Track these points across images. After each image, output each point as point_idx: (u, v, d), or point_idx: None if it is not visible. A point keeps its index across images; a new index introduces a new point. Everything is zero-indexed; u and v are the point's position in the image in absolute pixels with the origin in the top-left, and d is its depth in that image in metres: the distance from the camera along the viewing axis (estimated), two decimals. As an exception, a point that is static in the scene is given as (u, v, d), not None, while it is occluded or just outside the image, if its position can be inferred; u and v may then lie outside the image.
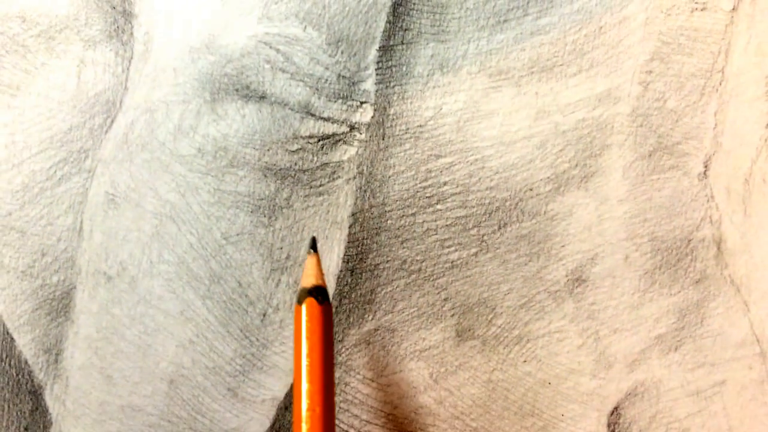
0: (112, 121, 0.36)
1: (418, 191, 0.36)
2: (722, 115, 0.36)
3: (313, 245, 0.33)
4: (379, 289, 0.37)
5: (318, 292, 0.32)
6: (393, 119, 0.36)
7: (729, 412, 0.37)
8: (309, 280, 0.32)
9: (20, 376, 0.37)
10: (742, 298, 0.37)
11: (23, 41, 0.36)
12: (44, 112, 0.36)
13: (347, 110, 0.36)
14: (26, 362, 0.37)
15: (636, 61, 0.36)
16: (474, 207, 0.37)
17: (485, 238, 0.37)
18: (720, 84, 0.36)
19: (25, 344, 0.37)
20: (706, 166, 0.36)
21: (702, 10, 0.35)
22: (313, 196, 0.36)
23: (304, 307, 0.31)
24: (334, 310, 0.37)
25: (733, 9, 0.35)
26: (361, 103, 0.36)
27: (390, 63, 0.36)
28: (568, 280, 0.37)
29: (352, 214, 0.37)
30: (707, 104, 0.36)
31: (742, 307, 0.37)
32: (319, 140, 0.36)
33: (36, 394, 0.38)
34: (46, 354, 0.37)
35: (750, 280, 0.37)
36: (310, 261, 0.33)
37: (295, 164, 0.36)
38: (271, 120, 0.36)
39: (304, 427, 0.30)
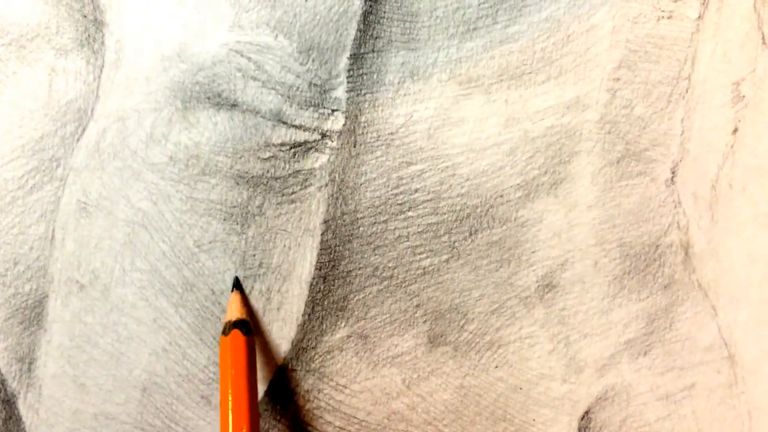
0: (84, 130, 0.36)
1: (389, 198, 0.37)
2: (689, 122, 0.36)
3: (236, 284, 0.36)
4: (351, 296, 0.37)
5: (242, 325, 0.35)
6: (364, 127, 0.36)
7: (698, 416, 0.38)
8: (233, 314, 0.35)
9: (-7, 385, 0.37)
10: (710, 303, 0.37)
11: (-6, 50, 0.36)
12: (15, 120, 0.36)
13: (319, 118, 0.36)
14: (-1, 371, 0.37)
15: (603, 69, 0.36)
16: (445, 214, 0.37)
17: (456, 244, 0.37)
18: (686, 91, 0.36)
19: (-2, 353, 0.37)
20: (673, 173, 0.37)
21: (668, 18, 0.36)
22: (286, 203, 0.37)
23: (229, 339, 0.34)
24: (306, 317, 0.37)
25: (699, 17, 0.36)
26: (333, 110, 0.36)
27: (361, 71, 0.36)
28: (538, 286, 0.37)
29: (325, 222, 0.37)
30: (674, 111, 0.36)
31: (710, 311, 0.37)
32: (290, 148, 0.36)
33: (9, 403, 0.38)
34: (19, 363, 0.37)
35: (717, 284, 0.37)
36: (234, 297, 0.36)
37: (267, 172, 0.36)
38: (242, 128, 0.36)
39: None
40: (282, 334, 0.37)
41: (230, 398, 0.33)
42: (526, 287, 0.37)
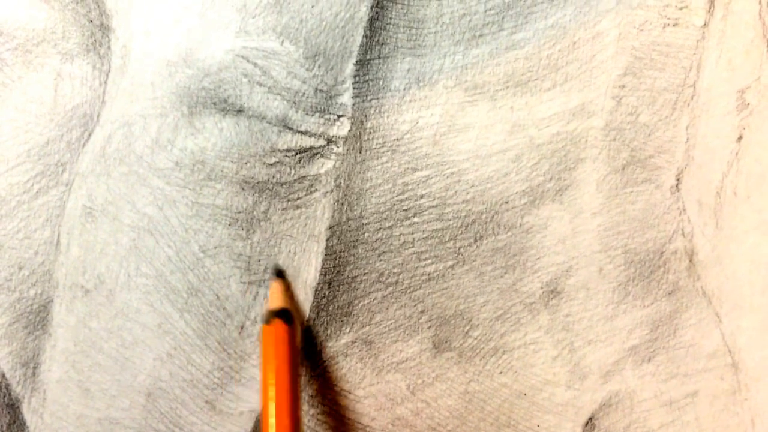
0: (90, 135, 0.36)
1: (395, 204, 0.37)
2: (694, 129, 0.37)
3: (279, 273, 0.36)
4: (356, 301, 0.37)
5: (284, 314, 0.34)
6: (370, 133, 0.36)
7: (701, 423, 0.38)
8: (276, 302, 0.34)
9: (-3, 390, 0.37)
10: (713, 310, 0.38)
11: (0, 54, 0.36)
12: (21, 125, 0.36)
13: (324, 124, 0.36)
14: (3, 376, 0.37)
15: (609, 76, 0.36)
16: (450, 220, 0.37)
17: (461, 250, 0.37)
18: (692, 98, 0.36)
19: (2, 358, 0.37)
20: (678, 180, 0.37)
21: (674, 25, 0.36)
22: (291, 209, 0.37)
23: (271, 328, 0.33)
24: (311, 322, 0.37)
25: (705, 25, 0.36)
26: (339, 116, 0.36)
27: (367, 77, 0.36)
28: (543, 292, 0.37)
29: (330, 227, 0.37)
30: (679, 118, 0.37)
31: (714, 318, 0.38)
32: (296, 153, 0.36)
33: (13, 408, 0.38)
34: (23, 367, 0.37)
35: (721, 291, 0.37)
36: (276, 286, 0.35)
37: (273, 177, 0.36)
38: (248, 133, 0.36)
39: None
40: (287, 339, 0.37)
41: (273, 391, 0.32)
42: (530, 293, 0.37)
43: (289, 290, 0.36)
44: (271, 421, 0.31)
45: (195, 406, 0.37)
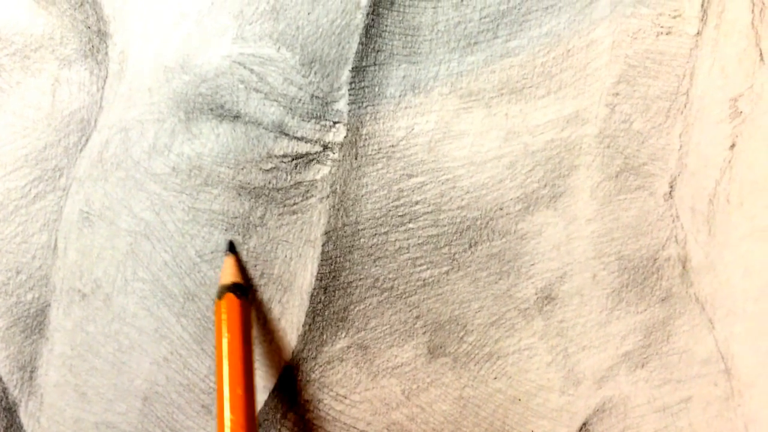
0: (87, 140, 0.37)
1: (390, 210, 0.37)
2: (687, 137, 0.37)
3: (231, 247, 0.36)
4: (352, 306, 0.37)
5: (237, 288, 0.34)
6: (366, 139, 0.37)
7: (695, 428, 0.38)
8: (227, 278, 0.35)
9: (-6, 393, 0.38)
10: (707, 316, 0.38)
11: (-2, 60, 0.36)
12: (19, 130, 0.37)
13: (320, 130, 0.36)
14: (0, 379, 0.37)
15: (603, 84, 0.36)
16: (445, 226, 0.37)
17: (456, 256, 0.37)
18: (685, 106, 0.37)
19: (0, 361, 0.37)
20: (671, 187, 0.37)
21: (667, 34, 0.36)
22: (287, 214, 0.37)
23: (223, 302, 0.34)
24: (307, 327, 0.37)
25: (698, 33, 0.36)
26: (334, 123, 0.36)
27: (362, 84, 0.36)
28: (537, 298, 0.37)
29: (326, 233, 0.37)
30: (672, 126, 0.37)
31: (707, 324, 0.38)
32: (292, 159, 0.37)
33: (11, 411, 0.38)
34: (20, 371, 0.38)
35: (714, 298, 0.38)
36: (228, 261, 0.36)
37: (269, 183, 0.37)
38: (245, 139, 0.36)
39: (228, 408, 0.32)
40: (283, 344, 0.37)
41: (226, 364, 0.33)
42: (525, 299, 0.37)
43: (240, 264, 0.36)
44: (225, 393, 0.32)
45: (191, 410, 0.38)
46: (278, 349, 0.37)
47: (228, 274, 0.35)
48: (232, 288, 0.35)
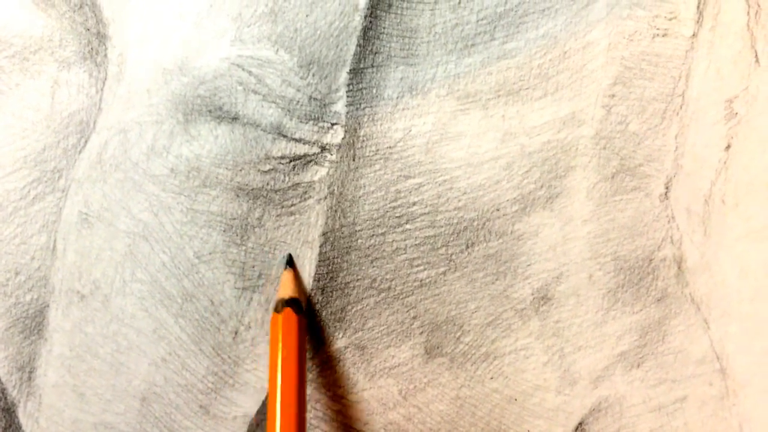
0: (86, 142, 0.37)
1: (387, 211, 0.37)
2: (683, 138, 0.37)
3: (290, 261, 0.36)
4: (349, 307, 0.38)
5: (294, 303, 0.34)
6: (363, 140, 0.37)
7: (690, 428, 0.38)
8: (286, 292, 0.35)
9: (-7, 394, 0.38)
10: (702, 316, 0.38)
11: (-3, 62, 0.37)
12: (18, 132, 0.37)
13: (318, 131, 0.37)
14: (-1, 380, 0.38)
15: (599, 85, 0.37)
16: (442, 227, 0.37)
17: (453, 257, 0.37)
18: (680, 108, 0.37)
19: (-1, 362, 0.38)
20: (667, 188, 0.37)
21: (663, 36, 0.36)
22: (285, 215, 0.37)
23: (281, 316, 0.34)
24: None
25: (693, 35, 0.36)
26: (332, 124, 0.37)
27: (360, 85, 0.36)
28: (533, 299, 0.38)
29: (323, 234, 0.37)
30: (668, 127, 0.37)
31: (703, 324, 0.38)
32: (290, 161, 0.37)
33: (9, 412, 0.38)
34: (19, 372, 0.38)
35: (710, 298, 0.38)
36: (287, 275, 0.36)
37: (267, 184, 0.37)
38: (243, 141, 0.36)
39: (278, 423, 0.32)
40: (280, 344, 0.38)
41: (279, 379, 0.33)
42: (521, 300, 0.38)
43: (299, 280, 0.37)
44: (278, 409, 0.32)
45: (189, 411, 0.38)
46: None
47: (287, 288, 0.36)
48: (291, 303, 0.35)
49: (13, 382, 0.38)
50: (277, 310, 0.35)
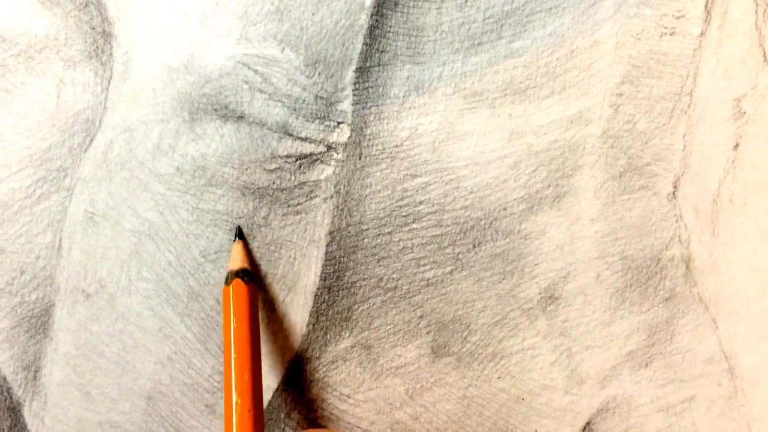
0: (92, 140, 0.37)
1: (394, 210, 0.37)
2: (690, 137, 0.37)
3: (239, 234, 0.37)
4: (355, 306, 0.37)
5: (244, 274, 0.35)
6: (369, 139, 0.37)
7: (698, 428, 0.38)
8: (236, 264, 0.35)
9: (-1, 393, 0.38)
10: (710, 316, 0.38)
11: (2, 61, 0.36)
12: (23, 131, 0.37)
13: (324, 130, 0.36)
14: (5, 379, 0.38)
15: (607, 84, 0.36)
16: (449, 226, 0.37)
17: (460, 256, 0.37)
18: (688, 107, 0.37)
19: (4, 361, 0.37)
20: (675, 187, 0.37)
21: (671, 34, 0.36)
22: (291, 214, 0.37)
23: (231, 287, 0.35)
24: (311, 327, 0.38)
25: (701, 34, 0.36)
26: (338, 123, 0.36)
27: (367, 84, 0.36)
28: (541, 298, 0.38)
29: (330, 233, 0.37)
30: (676, 126, 0.37)
31: (711, 324, 0.38)
32: (296, 160, 0.37)
33: (15, 411, 0.38)
34: (24, 371, 0.38)
35: (718, 297, 0.38)
36: (236, 247, 0.36)
37: (273, 183, 0.37)
38: (249, 140, 0.36)
39: (235, 391, 0.32)
40: (287, 343, 0.38)
41: (233, 351, 0.33)
42: (528, 299, 0.38)
43: (248, 251, 0.37)
44: (232, 377, 0.32)
45: (195, 410, 0.38)
46: (282, 349, 0.38)
47: (236, 259, 0.36)
48: (240, 274, 0.35)
49: (18, 381, 0.38)
50: (227, 282, 0.35)
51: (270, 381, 0.38)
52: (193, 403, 0.38)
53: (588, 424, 0.38)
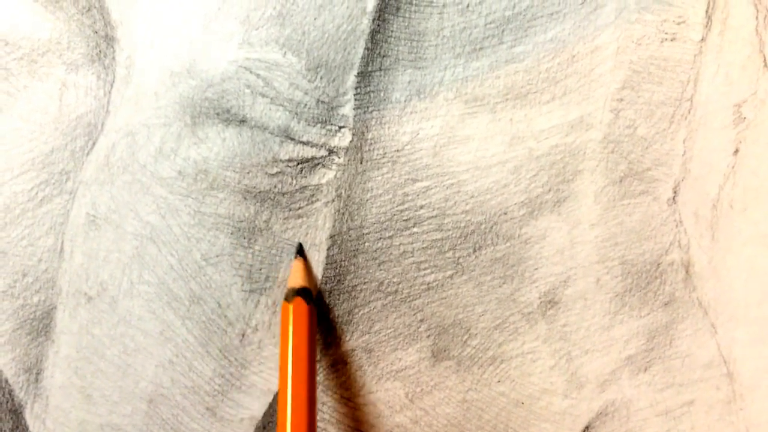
0: (94, 144, 0.37)
1: (395, 214, 0.37)
2: (691, 143, 0.37)
3: (300, 251, 0.36)
4: (356, 310, 0.38)
5: (305, 293, 0.35)
6: (371, 143, 0.37)
7: (697, 432, 0.38)
8: (297, 281, 0.35)
9: (1, 395, 0.38)
10: (709, 321, 0.38)
11: (6, 64, 0.37)
12: (26, 134, 0.37)
13: (326, 134, 0.37)
14: (7, 381, 0.38)
15: (607, 89, 0.37)
16: (450, 230, 0.37)
17: (461, 260, 0.37)
18: (689, 112, 0.37)
19: (6, 363, 0.38)
20: (675, 192, 0.37)
21: (672, 40, 0.36)
22: (292, 218, 0.37)
23: (291, 306, 0.34)
24: (312, 330, 0.38)
25: (702, 39, 0.36)
26: (340, 127, 0.37)
27: (368, 89, 0.36)
28: (541, 302, 0.38)
29: (330, 237, 0.37)
30: (676, 132, 0.37)
31: (710, 329, 0.38)
32: (298, 164, 0.37)
33: (16, 413, 0.38)
34: (26, 373, 0.38)
35: (717, 302, 0.38)
36: (297, 265, 0.36)
37: (275, 187, 0.37)
38: (251, 143, 0.37)
39: (289, 415, 0.32)
40: (287, 347, 0.38)
41: (290, 369, 0.33)
42: (528, 303, 0.38)
43: (309, 269, 0.37)
44: (288, 399, 0.32)
45: (196, 413, 0.38)
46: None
47: (298, 277, 0.36)
48: (301, 292, 0.35)
49: (20, 384, 0.38)
50: (287, 299, 0.35)
51: (271, 385, 0.38)
52: (194, 406, 0.38)
53: (587, 427, 0.38)
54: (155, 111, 0.37)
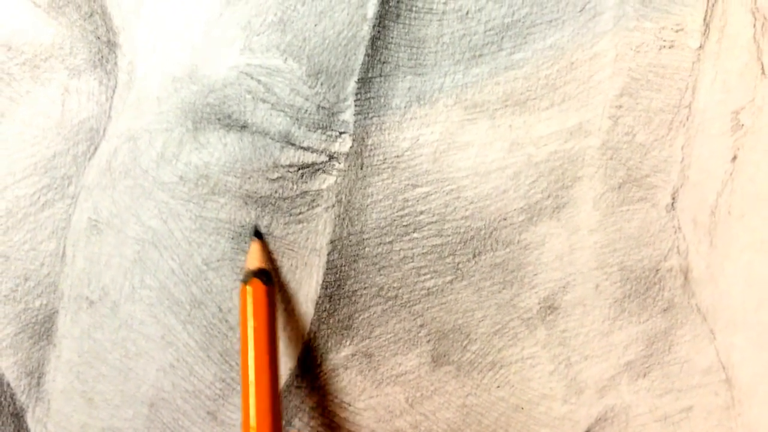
0: (96, 149, 0.37)
1: (395, 220, 0.37)
2: (689, 149, 0.37)
3: (257, 233, 0.36)
4: (356, 315, 0.38)
5: (263, 274, 0.35)
6: (371, 149, 0.37)
7: (695, 437, 0.38)
8: (254, 263, 0.35)
9: (2, 399, 0.38)
10: (708, 327, 0.38)
11: (8, 69, 0.37)
12: (28, 139, 0.37)
13: (326, 140, 0.37)
14: (8, 385, 0.38)
15: (606, 96, 0.37)
16: (450, 236, 0.37)
17: (460, 266, 0.38)
18: (687, 119, 0.37)
19: (8, 367, 0.38)
20: (673, 198, 0.38)
21: (670, 47, 0.36)
22: (293, 223, 0.37)
23: (249, 287, 0.34)
24: (312, 335, 0.38)
25: (700, 47, 0.37)
26: (340, 133, 0.37)
27: (368, 95, 0.37)
28: (540, 308, 0.38)
29: (331, 242, 0.37)
30: (675, 138, 0.37)
31: (709, 335, 0.38)
32: (298, 169, 0.37)
33: (18, 417, 0.38)
34: (28, 377, 0.38)
35: (716, 308, 0.38)
36: (254, 246, 0.36)
37: (276, 192, 0.37)
38: (252, 149, 0.37)
39: (253, 395, 0.32)
40: (288, 352, 0.38)
41: (252, 351, 0.33)
42: (528, 309, 0.38)
43: (267, 251, 0.37)
44: (251, 381, 0.32)
45: (197, 417, 0.38)
46: (283, 357, 0.38)
47: (254, 259, 0.36)
48: (259, 274, 0.35)
49: (22, 388, 0.38)
50: (245, 281, 0.35)
51: (271, 388, 0.38)
52: (195, 410, 0.38)
53: (586, 433, 0.38)
54: (157, 116, 0.37)
